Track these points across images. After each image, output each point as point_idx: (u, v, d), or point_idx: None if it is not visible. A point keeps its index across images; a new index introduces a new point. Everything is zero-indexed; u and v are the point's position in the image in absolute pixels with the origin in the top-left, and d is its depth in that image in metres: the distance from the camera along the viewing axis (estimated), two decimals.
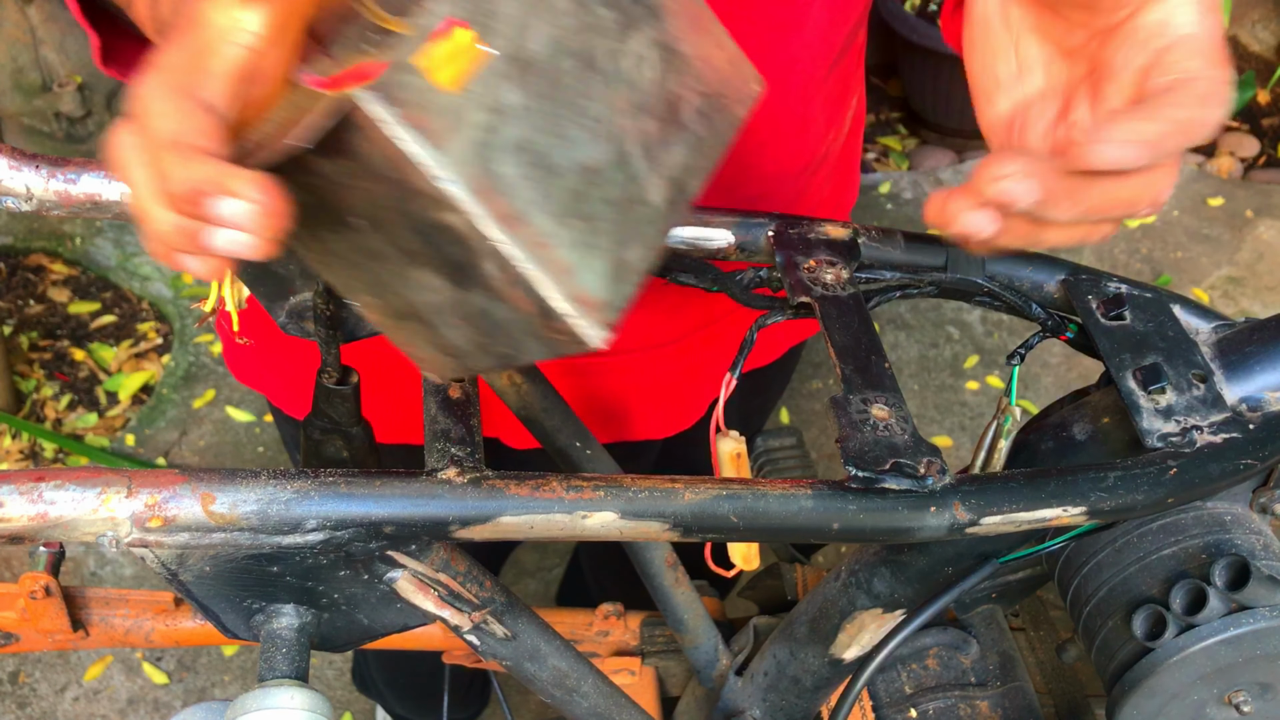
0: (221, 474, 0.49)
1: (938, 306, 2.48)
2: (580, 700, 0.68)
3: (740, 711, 0.85)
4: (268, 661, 0.55)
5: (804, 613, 0.76)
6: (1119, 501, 0.53)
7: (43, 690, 1.84)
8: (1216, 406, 0.56)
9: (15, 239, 2.48)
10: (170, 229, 0.41)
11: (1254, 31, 3.18)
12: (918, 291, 0.65)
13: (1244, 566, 0.60)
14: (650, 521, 0.50)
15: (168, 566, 0.51)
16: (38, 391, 2.23)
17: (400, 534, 0.50)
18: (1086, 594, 0.67)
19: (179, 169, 0.39)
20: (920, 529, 0.51)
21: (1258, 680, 0.62)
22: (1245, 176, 2.85)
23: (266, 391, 1.02)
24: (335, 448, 0.70)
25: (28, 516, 0.47)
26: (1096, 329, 0.61)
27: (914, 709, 0.80)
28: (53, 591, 0.91)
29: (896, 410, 0.54)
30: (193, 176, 0.39)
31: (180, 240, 0.41)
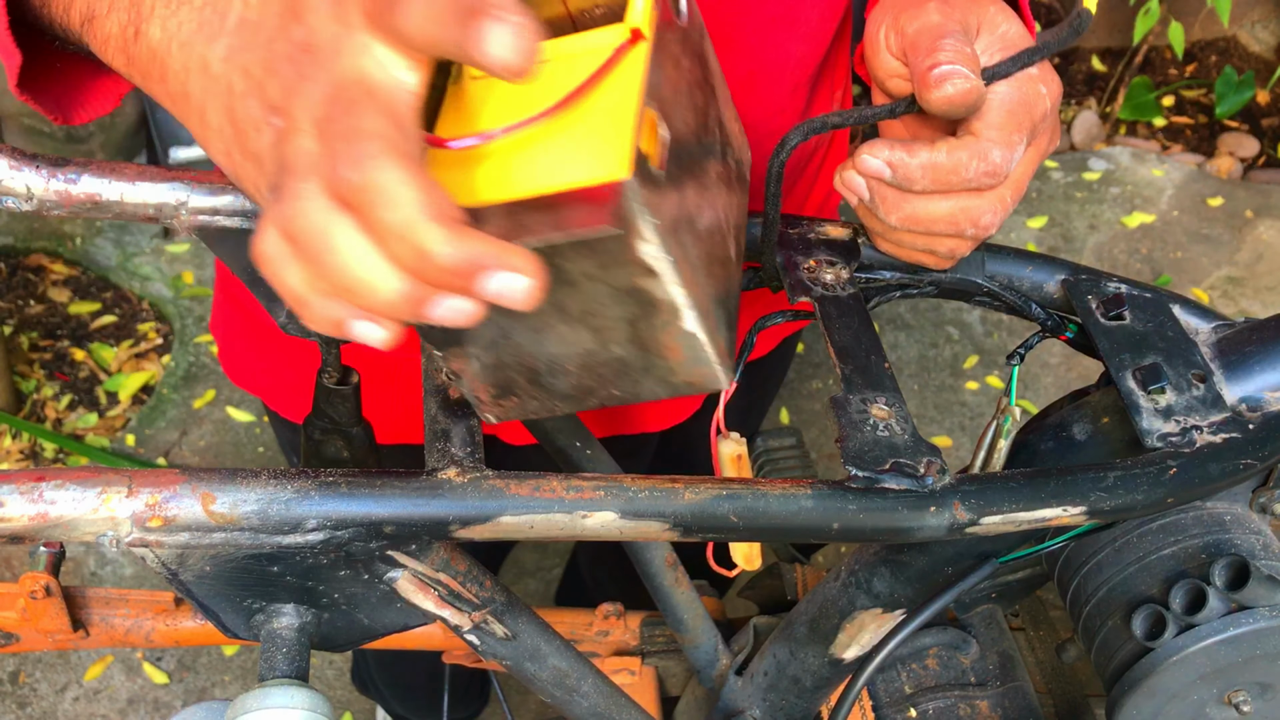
0: (222, 474, 0.49)
1: (938, 306, 2.48)
2: (580, 700, 0.68)
3: (740, 711, 0.85)
4: (268, 661, 0.55)
5: (804, 612, 0.76)
6: (1119, 501, 0.53)
7: (43, 690, 1.84)
8: (1216, 406, 0.56)
9: (15, 239, 2.48)
10: (398, 298, 0.39)
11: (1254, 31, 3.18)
12: (917, 291, 0.65)
13: (1243, 566, 0.60)
14: (650, 521, 0.50)
15: (168, 566, 0.51)
16: (38, 391, 2.23)
17: (400, 534, 0.50)
18: (1086, 594, 0.67)
19: (445, 243, 0.37)
20: (920, 529, 0.51)
21: (1257, 680, 0.62)
22: (1245, 176, 2.85)
23: (263, 394, 1.02)
24: (335, 448, 0.70)
25: (28, 516, 0.47)
26: (1096, 329, 0.61)
27: (914, 709, 0.80)
28: (53, 591, 0.91)
29: (896, 410, 0.54)
30: (470, 250, 0.38)
31: (403, 309, 0.39)
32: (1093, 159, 2.88)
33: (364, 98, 0.39)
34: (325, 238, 0.38)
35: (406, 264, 0.38)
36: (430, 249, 0.37)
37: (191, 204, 0.59)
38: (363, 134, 0.38)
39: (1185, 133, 2.99)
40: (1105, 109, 3.02)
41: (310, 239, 0.38)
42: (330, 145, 0.38)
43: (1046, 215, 2.72)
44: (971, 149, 0.56)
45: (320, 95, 0.39)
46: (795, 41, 0.74)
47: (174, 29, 0.44)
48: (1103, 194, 2.78)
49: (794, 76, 0.77)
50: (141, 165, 0.59)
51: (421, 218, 0.37)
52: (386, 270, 0.38)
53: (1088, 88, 3.10)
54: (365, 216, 0.38)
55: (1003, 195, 0.58)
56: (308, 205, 0.38)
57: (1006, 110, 0.56)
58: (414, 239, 0.37)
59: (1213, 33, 3.15)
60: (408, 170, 0.37)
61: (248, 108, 0.42)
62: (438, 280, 0.39)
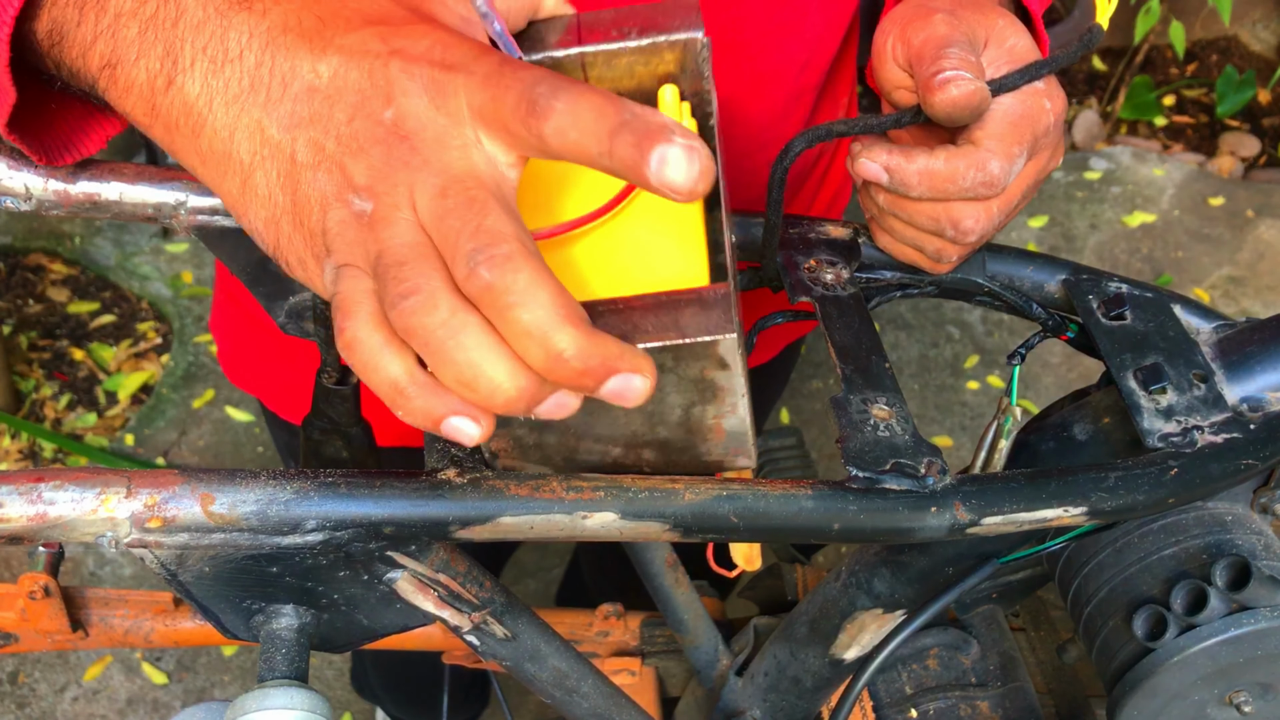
0: (221, 474, 0.49)
1: (938, 306, 2.48)
2: (580, 701, 0.68)
3: (740, 712, 0.85)
4: (267, 662, 0.55)
5: (804, 613, 0.76)
6: (1119, 502, 0.53)
7: (42, 690, 1.84)
8: (1217, 406, 0.56)
9: (15, 239, 2.48)
10: (517, 396, 0.39)
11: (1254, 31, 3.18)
12: (918, 291, 0.65)
13: (1245, 567, 0.60)
14: (650, 522, 0.50)
15: (167, 567, 0.51)
16: (37, 391, 2.23)
17: (400, 534, 0.50)
18: (1087, 594, 0.67)
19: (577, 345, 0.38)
20: (920, 529, 0.51)
21: (1258, 680, 0.62)
22: (1246, 176, 2.85)
23: (262, 395, 1.02)
24: (335, 448, 0.70)
25: (27, 517, 0.47)
26: (1097, 329, 0.61)
27: (914, 709, 0.80)
28: (52, 592, 0.91)
29: (897, 410, 0.54)
30: (601, 353, 0.38)
31: (518, 406, 0.40)
32: (1093, 158, 2.88)
33: (484, 195, 0.39)
34: (453, 335, 0.38)
35: (535, 363, 0.38)
36: (563, 351, 0.38)
37: (190, 204, 0.59)
38: (494, 233, 0.38)
39: (1186, 132, 2.99)
40: (1106, 108, 3.02)
41: (434, 335, 0.38)
42: (453, 242, 0.38)
43: (1047, 215, 2.72)
44: (970, 158, 0.56)
45: (431, 187, 0.39)
46: (799, 47, 0.74)
47: (218, 86, 0.43)
48: (1104, 193, 2.78)
49: (798, 82, 0.77)
50: (140, 165, 0.59)
51: (555, 319, 0.37)
52: (511, 368, 0.39)
53: (1089, 87, 3.10)
54: (497, 316, 0.38)
55: (989, 205, 0.58)
56: (434, 302, 0.38)
57: (1009, 122, 0.56)
58: (547, 340, 0.38)
59: (1214, 32, 3.15)
60: (539, 271, 0.38)
61: (317, 182, 0.41)
62: (563, 380, 0.39)
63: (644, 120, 0.37)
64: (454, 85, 0.40)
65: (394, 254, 0.39)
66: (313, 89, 0.42)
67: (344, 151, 0.41)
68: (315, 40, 0.42)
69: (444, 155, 0.40)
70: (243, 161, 0.43)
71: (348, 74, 0.41)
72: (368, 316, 0.40)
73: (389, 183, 0.40)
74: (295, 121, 0.42)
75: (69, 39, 0.45)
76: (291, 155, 0.42)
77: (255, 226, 0.44)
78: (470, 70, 0.40)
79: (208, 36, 0.43)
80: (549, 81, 0.39)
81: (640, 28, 0.50)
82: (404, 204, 0.40)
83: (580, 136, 0.38)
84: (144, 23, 0.43)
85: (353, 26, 0.43)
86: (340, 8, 0.44)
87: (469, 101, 0.40)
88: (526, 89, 0.39)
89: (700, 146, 0.37)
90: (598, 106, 0.38)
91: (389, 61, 0.41)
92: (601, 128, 0.37)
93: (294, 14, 0.43)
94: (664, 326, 0.43)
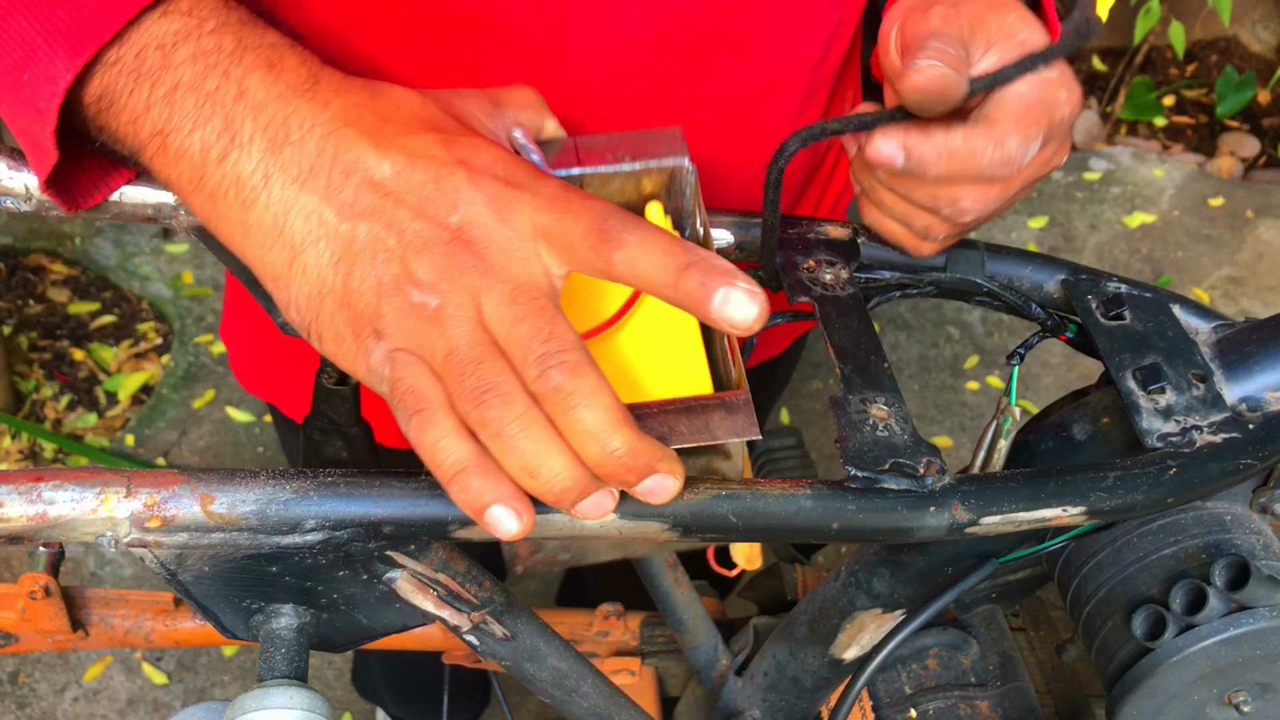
0: (220, 474, 0.49)
1: (938, 306, 2.48)
2: (580, 700, 0.68)
3: (740, 711, 0.85)
4: (267, 661, 0.55)
5: (804, 613, 0.76)
6: (1119, 501, 0.53)
7: (42, 690, 1.84)
8: (1216, 406, 0.56)
9: (15, 239, 2.48)
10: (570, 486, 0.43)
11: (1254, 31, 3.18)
12: (917, 291, 0.65)
13: (1244, 566, 0.60)
14: (650, 522, 0.50)
15: (167, 566, 0.51)
16: (37, 391, 2.23)
17: (399, 534, 0.50)
18: (1086, 594, 0.67)
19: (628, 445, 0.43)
20: (919, 529, 0.51)
21: (1258, 680, 0.62)
22: (1245, 176, 2.85)
23: (276, 400, 1.01)
24: (335, 448, 0.70)
25: (27, 517, 0.47)
26: (1096, 329, 0.61)
27: (914, 709, 0.80)
28: (52, 592, 0.91)
29: (896, 410, 0.54)
30: (647, 454, 0.43)
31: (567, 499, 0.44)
32: (1093, 159, 2.88)
33: (550, 304, 0.43)
34: (526, 429, 0.42)
35: (590, 459, 0.43)
36: (616, 450, 0.42)
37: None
38: (563, 340, 0.42)
39: (1186, 132, 2.99)
40: (1106, 109, 3.02)
41: (508, 428, 0.42)
42: (525, 345, 0.42)
43: (1047, 215, 2.72)
44: (988, 135, 0.56)
45: (499, 294, 0.43)
46: (815, 46, 0.74)
47: (276, 165, 0.45)
48: (1103, 194, 2.78)
49: (812, 80, 0.77)
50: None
51: (613, 421, 0.42)
52: (569, 461, 0.43)
53: (1089, 87, 3.10)
54: (561, 415, 0.42)
55: (990, 188, 0.58)
56: (511, 399, 0.42)
57: (1025, 105, 0.56)
58: (605, 439, 0.42)
59: (1213, 32, 3.15)
60: (601, 378, 0.42)
61: (375, 270, 0.44)
62: (612, 475, 0.44)
63: (709, 262, 0.42)
64: (520, 202, 0.44)
65: (469, 351, 0.42)
66: (375, 184, 0.44)
67: (406, 248, 0.44)
68: (378, 137, 0.45)
69: (509, 265, 0.43)
70: (294, 240, 0.45)
71: (412, 174, 0.44)
72: (440, 403, 0.43)
73: (455, 284, 0.43)
74: (356, 211, 0.44)
75: (119, 105, 0.46)
76: (349, 242, 0.44)
77: (295, 300, 0.46)
78: (535, 190, 0.44)
79: (269, 117, 0.45)
80: (619, 215, 0.43)
81: (632, 153, 0.56)
82: (470, 304, 0.43)
83: (649, 268, 0.43)
84: (203, 96, 0.45)
85: (413, 130, 0.46)
86: (396, 109, 0.47)
87: (533, 220, 0.44)
88: (599, 219, 0.43)
89: (758, 291, 0.42)
90: (666, 244, 0.43)
91: (455, 170, 0.44)
92: (670, 263, 0.42)
93: (355, 109, 0.46)
94: (697, 429, 0.48)
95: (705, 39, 0.68)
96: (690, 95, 0.71)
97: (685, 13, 0.66)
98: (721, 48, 0.69)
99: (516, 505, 0.44)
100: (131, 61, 0.45)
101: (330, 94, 0.46)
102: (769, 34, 0.70)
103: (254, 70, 0.45)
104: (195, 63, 0.45)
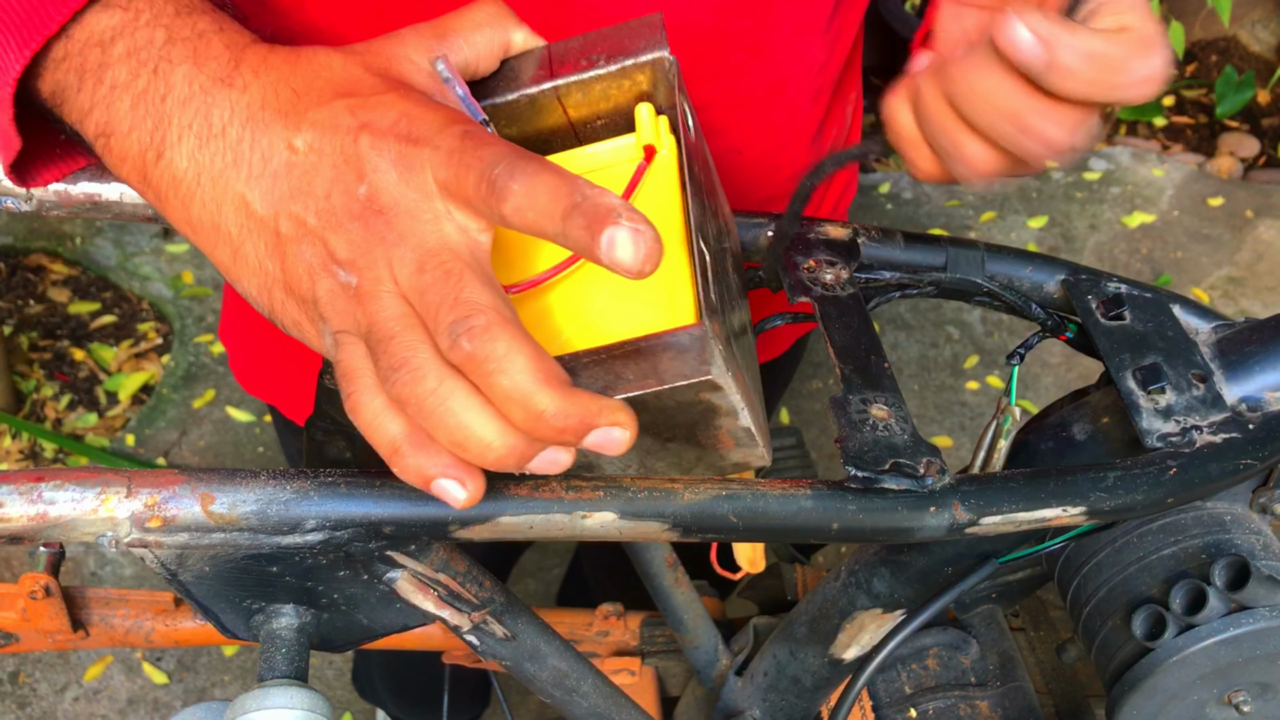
0: (221, 474, 0.49)
1: (938, 306, 2.48)
2: (580, 700, 0.68)
3: (740, 711, 0.85)
4: (267, 662, 0.55)
5: (804, 613, 0.76)
6: (1118, 501, 0.53)
7: (43, 690, 1.84)
8: (1216, 406, 0.56)
9: (15, 239, 2.48)
10: (506, 453, 0.42)
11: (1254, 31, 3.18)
12: (917, 291, 0.65)
13: (1244, 566, 0.60)
14: (649, 522, 0.50)
15: (167, 567, 0.51)
16: (38, 391, 2.23)
17: (400, 534, 0.50)
18: (1086, 594, 0.67)
19: (556, 405, 0.40)
20: (919, 529, 0.51)
21: (1257, 680, 0.62)
22: (1245, 176, 2.85)
23: (276, 401, 1.01)
24: (338, 448, 0.70)
25: (27, 517, 0.47)
26: (1096, 329, 0.61)
27: (914, 709, 0.80)
28: (53, 592, 0.91)
29: (896, 410, 0.54)
30: (580, 410, 0.41)
31: (509, 464, 0.42)
32: (1093, 159, 2.88)
33: (459, 266, 0.41)
34: (442, 403, 0.41)
35: (519, 423, 0.41)
36: (543, 410, 0.40)
37: None
38: (471, 304, 0.40)
39: (1186, 132, 2.99)
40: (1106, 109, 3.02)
41: (425, 403, 0.41)
42: (434, 315, 0.41)
43: (1047, 215, 2.72)
44: (1137, 43, 0.47)
45: (409, 263, 0.42)
46: (820, 46, 0.74)
47: (204, 161, 0.45)
48: (1103, 194, 2.78)
49: (818, 80, 0.77)
50: None
51: (534, 383, 0.40)
52: (500, 428, 0.41)
53: None
54: (481, 381, 0.40)
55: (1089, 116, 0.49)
56: (422, 374, 0.40)
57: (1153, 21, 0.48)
58: (528, 402, 0.40)
59: (1213, 32, 3.15)
60: (516, 338, 0.40)
61: (302, 255, 0.43)
62: (546, 436, 0.41)
63: (594, 202, 0.39)
64: (420, 160, 0.43)
65: (382, 328, 0.41)
66: (290, 164, 0.44)
67: (324, 226, 0.43)
68: (290, 115, 0.44)
69: (417, 229, 0.42)
70: (231, 234, 0.45)
71: (322, 148, 0.44)
72: (369, 383, 0.42)
73: (369, 257, 0.42)
74: (277, 196, 0.44)
75: (69, 103, 0.46)
76: (275, 229, 0.44)
77: (249, 292, 0.46)
78: (435, 144, 0.43)
79: (193, 113, 0.45)
80: (506, 161, 0.41)
81: (608, 53, 0.51)
82: (386, 278, 0.42)
83: (537, 216, 0.40)
84: (135, 96, 0.45)
85: (324, 99, 0.45)
86: (314, 79, 0.46)
87: (435, 176, 0.43)
88: (486, 169, 0.41)
89: (646, 228, 0.39)
90: (552, 188, 0.40)
91: (359, 136, 0.43)
92: (555, 209, 0.40)
93: (271, 88, 0.45)
94: (644, 374, 0.45)
95: (713, 41, 0.68)
96: (697, 97, 0.71)
97: (692, 14, 0.66)
98: (729, 49, 0.69)
99: (458, 473, 0.42)
100: (77, 57, 0.46)
101: (250, 77, 0.45)
102: (777, 35, 0.70)
103: (180, 64, 0.45)
104: (129, 60, 0.45)
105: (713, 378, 0.45)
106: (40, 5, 0.45)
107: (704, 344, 0.45)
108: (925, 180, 0.57)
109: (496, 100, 0.52)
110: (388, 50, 0.49)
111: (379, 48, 0.49)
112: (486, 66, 0.52)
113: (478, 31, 0.51)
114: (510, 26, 0.53)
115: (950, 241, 0.65)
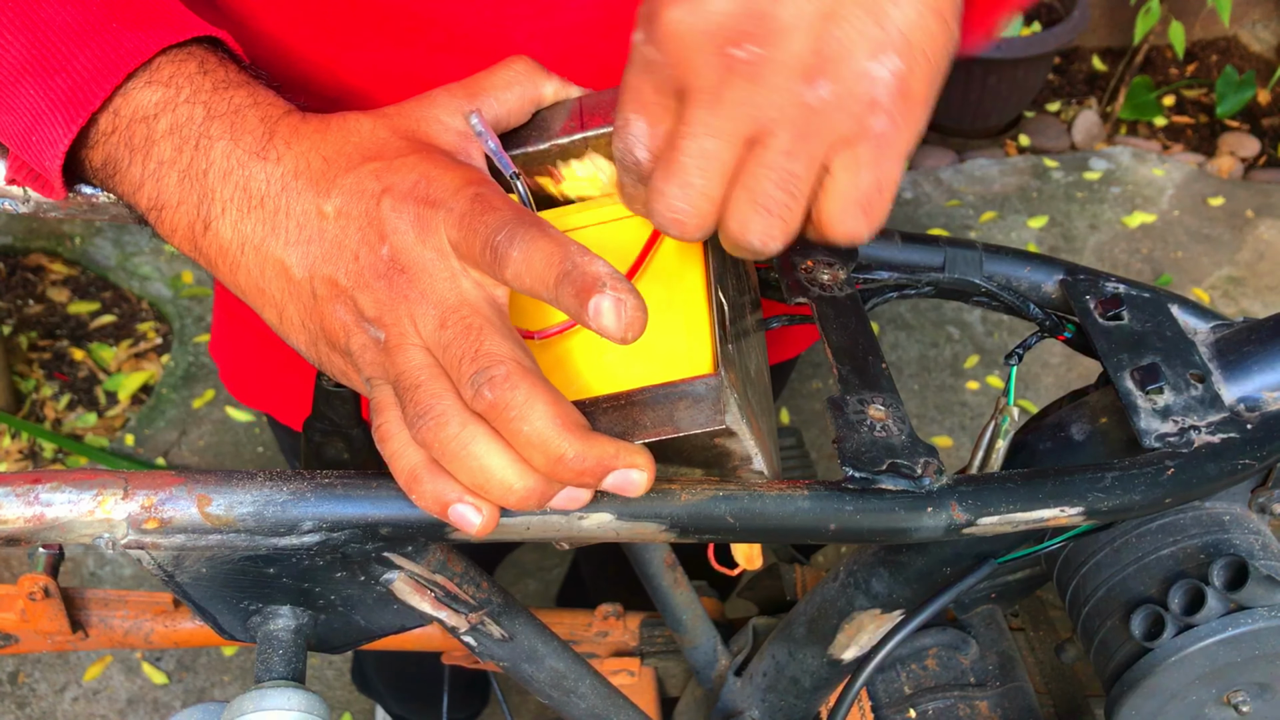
0: (218, 475, 0.49)
1: (938, 306, 2.48)
2: (578, 701, 0.68)
3: (739, 712, 0.85)
4: (264, 663, 0.55)
5: (803, 613, 0.76)
6: (1117, 502, 0.53)
7: (42, 690, 1.84)
8: (1214, 406, 0.56)
9: (15, 239, 2.48)
10: (527, 494, 0.44)
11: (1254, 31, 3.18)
12: (915, 292, 0.65)
13: (1242, 566, 0.60)
14: (647, 522, 0.50)
15: (164, 568, 0.51)
16: (37, 391, 2.23)
17: (397, 535, 0.50)
18: (1085, 594, 0.67)
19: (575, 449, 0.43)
20: (917, 529, 0.51)
21: (1256, 680, 0.62)
22: (1245, 176, 2.85)
23: (270, 409, 1.01)
24: (336, 450, 0.70)
25: (24, 519, 0.47)
26: (1094, 329, 0.61)
27: (913, 709, 0.80)
28: (52, 593, 0.91)
29: (893, 411, 0.54)
30: (598, 454, 0.43)
31: (529, 504, 0.45)
32: (1093, 159, 2.88)
33: (478, 320, 0.44)
34: (465, 447, 0.43)
35: (539, 467, 0.44)
36: (563, 454, 0.43)
37: None
38: (491, 356, 0.43)
39: (1186, 132, 2.99)
40: (1106, 109, 3.02)
41: (449, 447, 0.43)
42: (457, 367, 0.43)
43: (1047, 215, 2.72)
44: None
45: (430, 319, 0.44)
46: None
47: (246, 231, 0.47)
48: (1103, 194, 2.78)
49: None
50: None
51: (553, 428, 0.43)
52: (520, 471, 0.44)
53: (1088, 87, 3.10)
54: (502, 429, 0.43)
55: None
56: (446, 419, 0.43)
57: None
58: (547, 448, 0.43)
59: (1213, 32, 3.15)
60: (536, 386, 0.43)
61: (337, 314, 0.46)
62: (565, 479, 0.44)
63: (582, 271, 0.42)
64: (435, 222, 0.45)
65: (408, 378, 0.44)
66: (322, 230, 0.47)
67: (354, 286, 0.46)
68: (321, 181, 0.47)
69: (437, 287, 0.45)
70: (275, 297, 0.48)
71: (349, 212, 0.46)
72: (398, 415, 0.45)
73: (394, 314, 0.45)
74: (311, 260, 0.47)
75: (122, 175, 0.49)
76: (312, 291, 0.47)
77: (299, 346, 0.49)
78: (449, 206, 0.45)
79: (233, 186, 0.48)
80: (509, 228, 0.44)
81: None
82: (410, 332, 0.45)
83: (533, 282, 0.43)
84: (181, 172, 0.48)
85: (352, 164, 0.47)
86: (343, 145, 0.48)
87: (448, 237, 0.45)
88: (491, 234, 0.44)
89: (629, 298, 0.42)
90: (547, 254, 0.43)
91: (381, 200, 0.46)
92: (549, 275, 0.43)
93: (304, 158, 0.48)
94: (660, 421, 0.47)
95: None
96: None
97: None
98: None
99: (474, 500, 0.45)
100: (125, 132, 0.48)
101: (284, 148, 0.48)
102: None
103: (219, 140, 0.48)
104: (172, 136, 0.48)
105: (728, 426, 0.47)
106: (87, 80, 0.47)
107: (720, 394, 0.47)
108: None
109: (529, 149, 0.54)
110: (417, 112, 0.51)
111: (409, 110, 0.51)
112: (518, 120, 0.54)
113: (508, 90, 0.54)
114: (540, 81, 0.55)
115: (948, 242, 0.65)
